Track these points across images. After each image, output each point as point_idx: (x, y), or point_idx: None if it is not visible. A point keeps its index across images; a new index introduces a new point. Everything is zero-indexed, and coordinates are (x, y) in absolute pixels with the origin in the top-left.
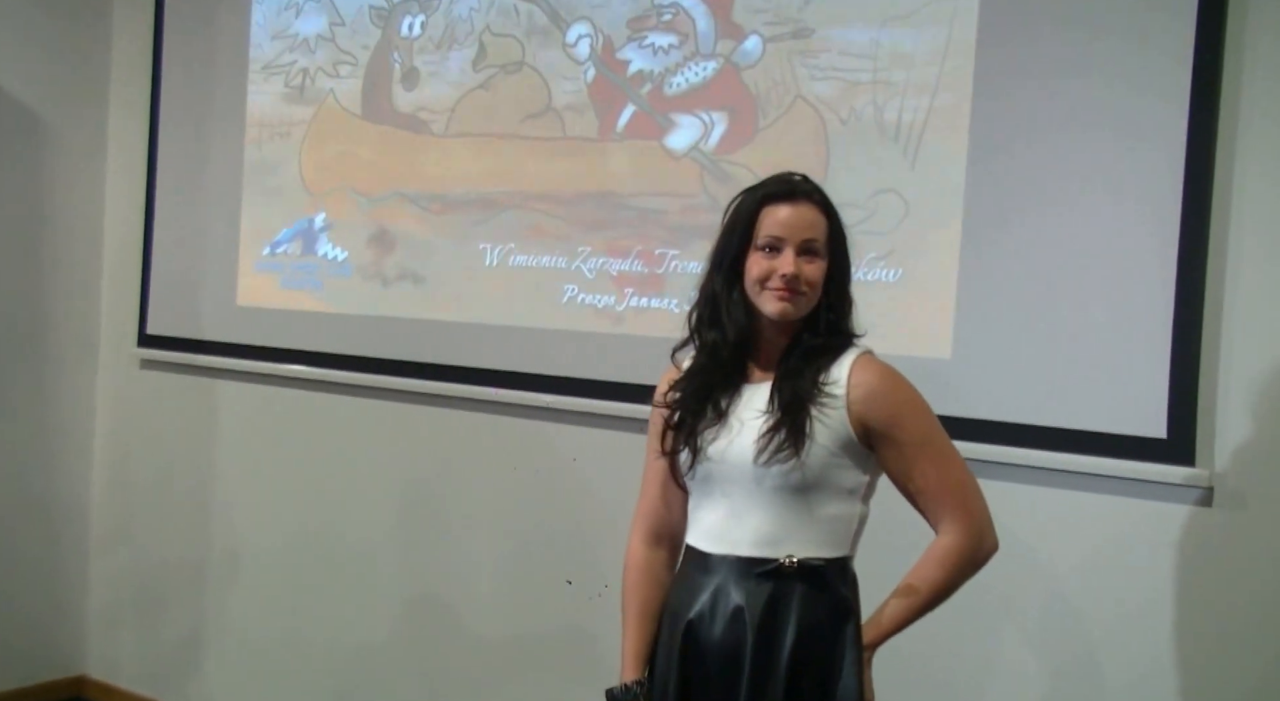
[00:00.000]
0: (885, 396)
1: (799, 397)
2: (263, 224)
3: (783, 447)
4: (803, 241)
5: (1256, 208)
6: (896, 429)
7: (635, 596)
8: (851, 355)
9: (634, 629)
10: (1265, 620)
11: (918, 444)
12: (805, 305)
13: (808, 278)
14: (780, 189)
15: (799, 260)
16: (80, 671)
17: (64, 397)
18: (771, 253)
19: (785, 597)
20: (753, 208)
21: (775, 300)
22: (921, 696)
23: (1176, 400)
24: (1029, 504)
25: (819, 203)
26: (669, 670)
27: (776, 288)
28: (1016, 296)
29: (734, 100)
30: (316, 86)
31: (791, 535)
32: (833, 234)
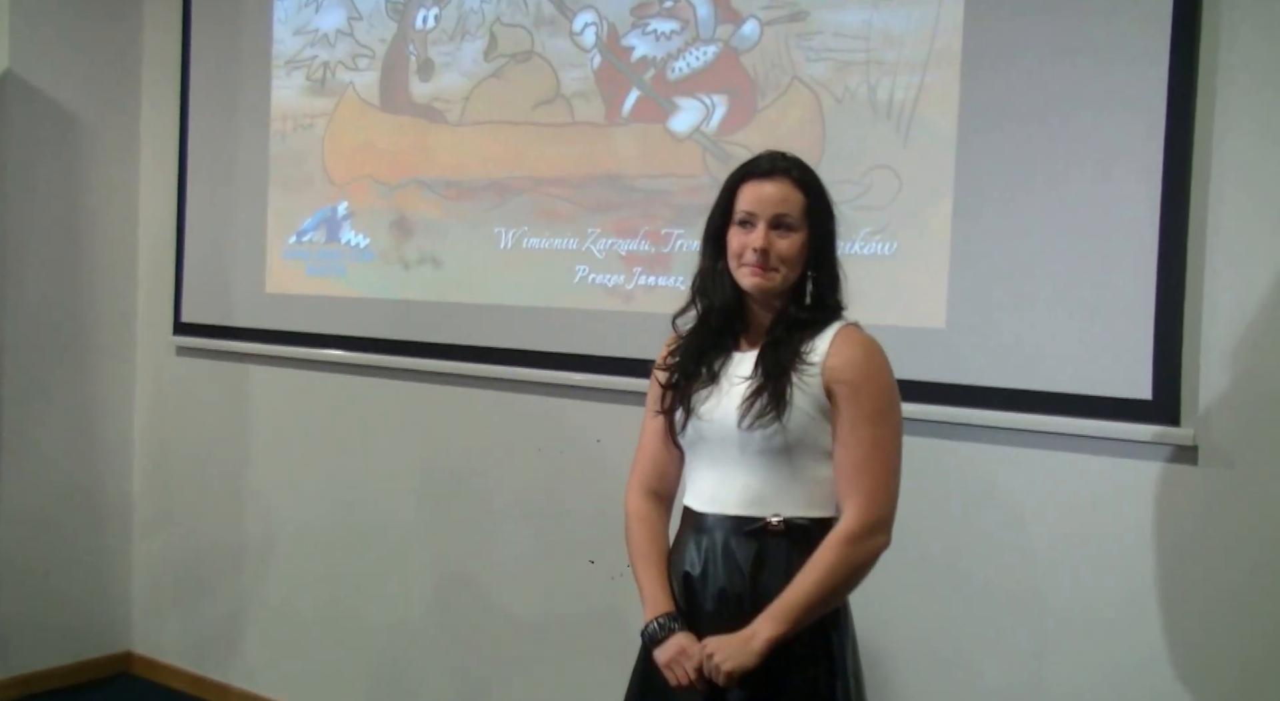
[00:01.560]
0: (856, 365)
1: (780, 365)
2: (288, 213)
3: (764, 413)
4: (774, 216)
5: (1234, 176)
6: (855, 396)
7: (642, 543)
8: (835, 326)
9: (649, 572)
10: (1249, 575)
11: (865, 416)
12: (780, 279)
13: (780, 252)
14: (758, 167)
15: (771, 234)
16: (126, 647)
17: (104, 386)
18: (747, 227)
19: (773, 555)
20: (733, 185)
21: (749, 275)
22: (913, 648)
23: (1160, 362)
24: (1021, 466)
25: (796, 179)
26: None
27: (750, 263)
28: (1006, 266)
29: (733, 83)
30: (337, 79)
31: (779, 495)
32: (812, 209)
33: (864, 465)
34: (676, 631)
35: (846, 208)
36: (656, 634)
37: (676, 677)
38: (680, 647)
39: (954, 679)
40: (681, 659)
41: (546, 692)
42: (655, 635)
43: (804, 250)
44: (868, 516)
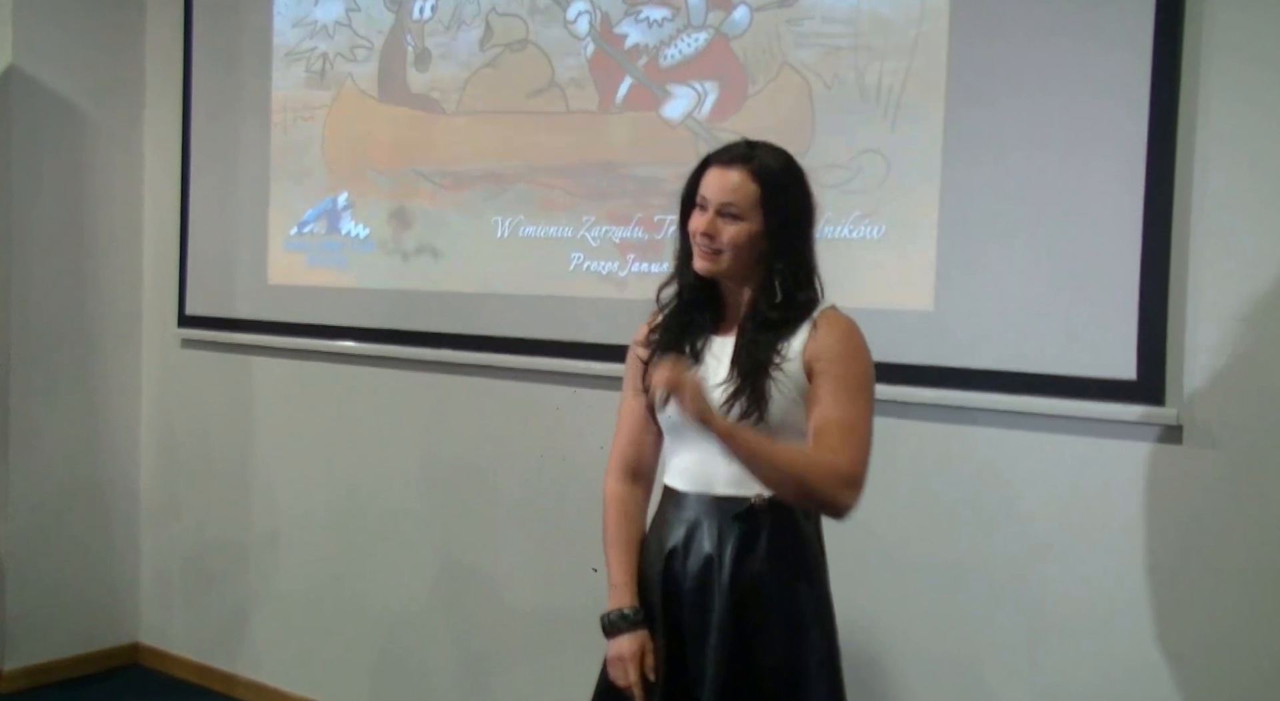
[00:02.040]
0: (836, 344)
1: (757, 363)
2: (290, 205)
3: (746, 414)
4: (721, 204)
5: (1218, 158)
6: (833, 369)
7: (618, 530)
8: (813, 315)
9: (619, 560)
10: (1232, 551)
11: (844, 388)
12: (726, 262)
13: (726, 238)
14: (719, 154)
15: (717, 221)
16: (134, 638)
17: (111, 379)
18: (702, 211)
19: (755, 532)
20: (697, 170)
21: (698, 257)
22: (900, 625)
23: (1145, 343)
24: (1008, 448)
25: (754, 170)
26: (653, 598)
27: (698, 243)
28: (993, 249)
29: (724, 70)
30: (336, 71)
31: None
32: (766, 201)
33: (841, 426)
34: (627, 630)
35: (836, 192)
36: (609, 628)
37: (617, 680)
38: (621, 653)
39: (941, 654)
40: (622, 664)
41: (549, 679)
42: (608, 628)
43: (754, 240)
44: (852, 470)
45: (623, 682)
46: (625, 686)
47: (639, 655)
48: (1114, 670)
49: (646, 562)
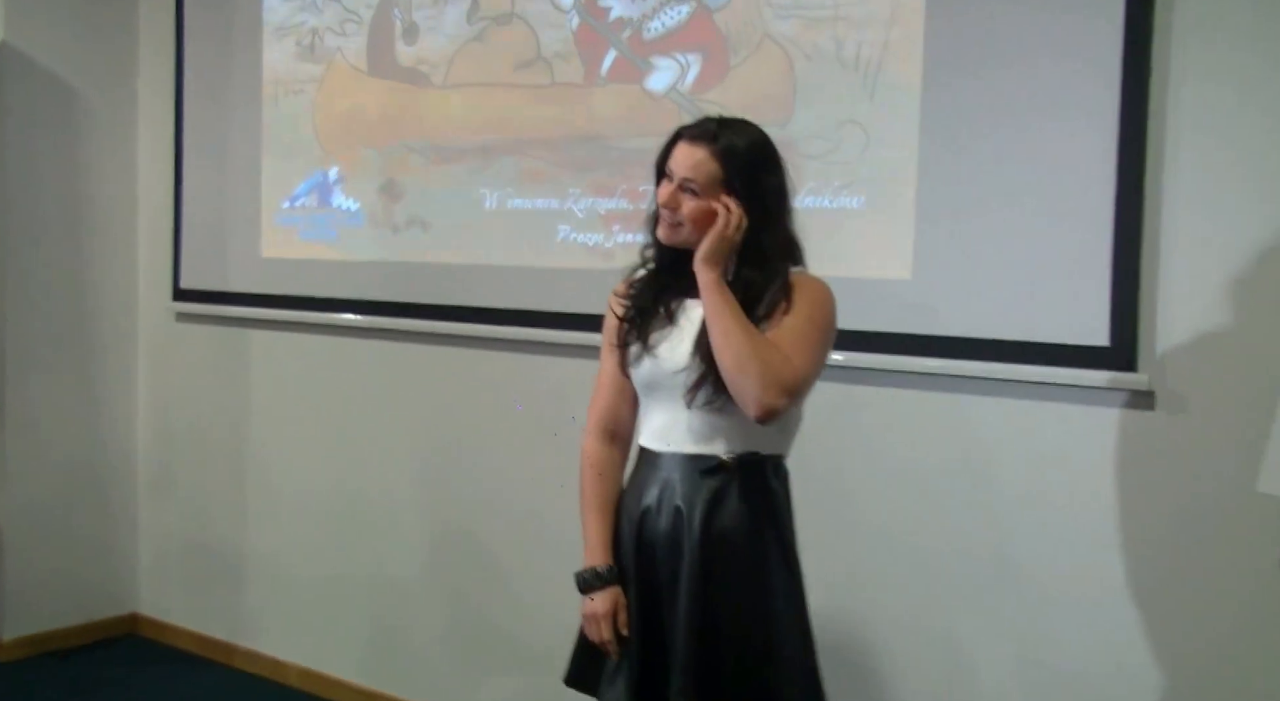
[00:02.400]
0: (800, 295)
1: None
2: (281, 179)
3: (711, 399)
4: (681, 179)
5: (1190, 127)
6: (794, 308)
7: (594, 491)
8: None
9: (596, 520)
10: (1203, 512)
11: (797, 316)
12: (686, 234)
13: (685, 212)
14: (689, 128)
15: (677, 194)
16: (133, 609)
17: (107, 353)
18: (669, 182)
19: (725, 489)
20: (668, 142)
21: (660, 227)
22: (879, 587)
23: (1118, 310)
24: (984, 413)
25: (718, 149)
26: (628, 556)
27: (662, 215)
28: (970, 217)
29: (707, 42)
30: (325, 45)
31: (732, 432)
32: (729, 184)
33: (792, 342)
34: (600, 588)
35: (817, 163)
36: (583, 585)
37: (591, 634)
38: (594, 612)
39: (918, 617)
40: (596, 622)
41: (544, 651)
42: (582, 586)
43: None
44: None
45: (596, 639)
46: (599, 642)
47: (612, 612)
48: (1086, 631)
49: (622, 521)
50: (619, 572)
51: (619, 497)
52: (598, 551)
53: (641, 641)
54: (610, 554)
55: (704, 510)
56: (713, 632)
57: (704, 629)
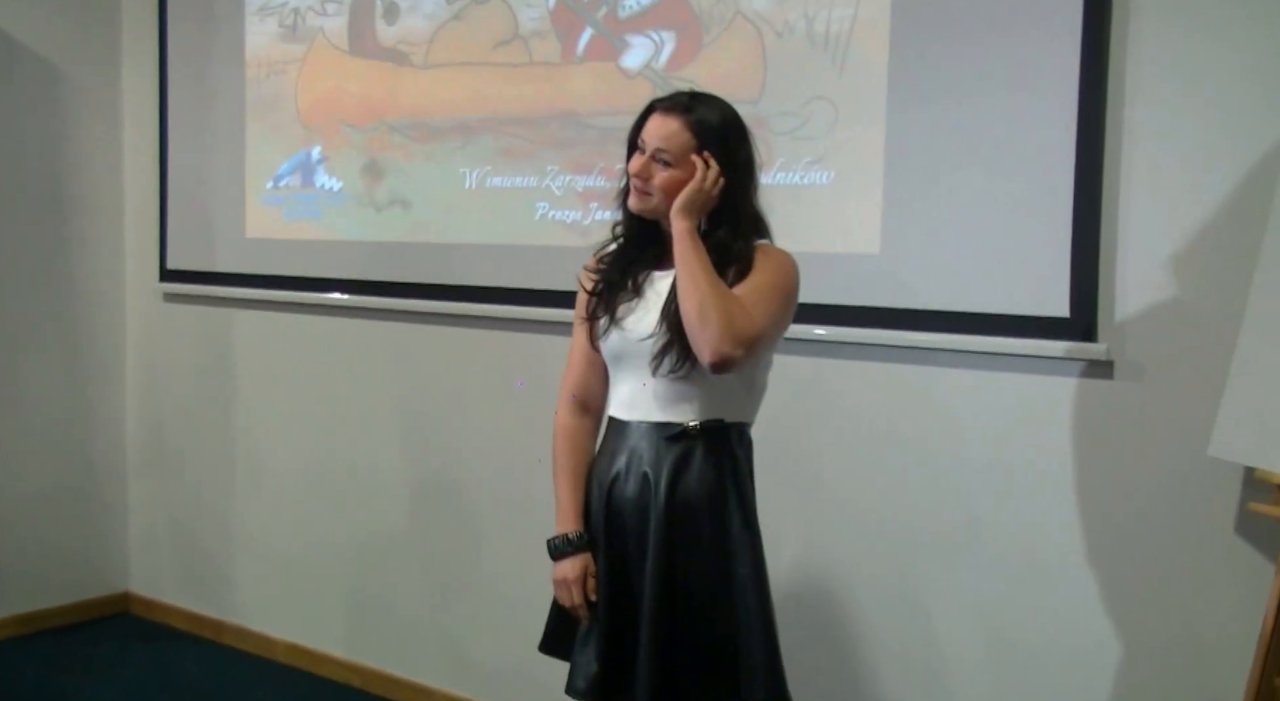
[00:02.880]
0: (762, 261)
1: None
2: (265, 159)
3: (676, 367)
4: (654, 149)
5: (1147, 101)
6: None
7: (566, 460)
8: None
9: (568, 488)
10: (1159, 475)
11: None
12: (654, 204)
13: (657, 181)
14: (663, 100)
15: (650, 164)
16: (124, 588)
17: (95, 334)
18: (641, 154)
19: (689, 455)
20: (641, 115)
21: (632, 196)
22: (846, 556)
23: (1078, 282)
24: (950, 384)
25: (691, 121)
26: (598, 523)
27: (633, 183)
28: (935, 193)
29: (680, 20)
30: (307, 25)
31: (695, 401)
32: (705, 149)
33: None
34: (571, 554)
35: (788, 139)
36: (554, 552)
37: (563, 598)
38: (565, 576)
39: (884, 584)
40: (567, 587)
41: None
42: (554, 552)
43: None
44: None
45: (567, 603)
46: (570, 607)
47: (582, 577)
48: (1049, 592)
49: (592, 489)
50: (590, 540)
51: (590, 466)
52: (569, 518)
53: (611, 606)
54: (581, 521)
55: (669, 476)
56: (678, 595)
57: (669, 591)
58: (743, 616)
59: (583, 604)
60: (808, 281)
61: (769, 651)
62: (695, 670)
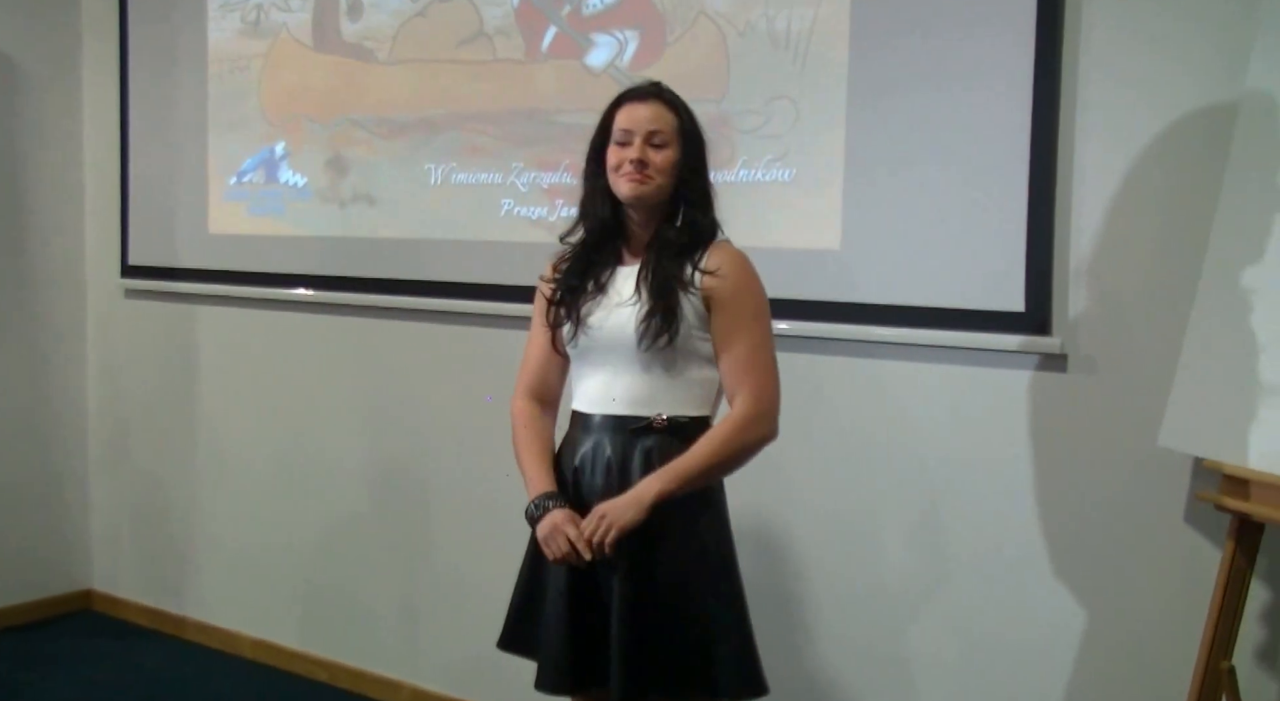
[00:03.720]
0: (732, 276)
1: (667, 284)
2: (228, 155)
3: (660, 332)
4: (648, 133)
5: (1099, 98)
6: (732, 301)
7: (527, 438)
8: (710, 246)
9: (532, 461)
10: (1110, 465)
11: (745, 319)
12: (655, 188)
13: (655, 164)
14: (634, 92)
15: (646, 148)
16: (87, 585)
17: (56, 331)
18: (624, 146)
19: (653, 450)
20: (611, 108)
21: (625, 182)
22: (807, 542)
23: (1032, 277)
24: (909, 378)
25: (668, 102)
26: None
27: (626, 172)
28: (894, 190)
29: (644, 18)
30: (270, 20)
31: (661, 396)
32: (682, 130)
33: (749, 363)
34: (553, 508)
35: (750, 137)
36: (534, 512)
37: (552, 551)
38: (554, 524)
39: (843, 576)
40: (557, 533)
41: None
42: (534, 513)
43: (675, 167)
44: (759, 406)
45: (563, 550)
46: (563, 555)
47: (571, 519)
48: (1006, 583)
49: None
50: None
51: (552, 448)
52: (542, 482)
53: (580, 598)
54: (553, 483)
55: (640, 469)
56: (650, 587)
57: (641, 583)
58: (714, 607)
59: (579, 537)
60: (770, 278)
61: (742, 640)
62: (668, 662)
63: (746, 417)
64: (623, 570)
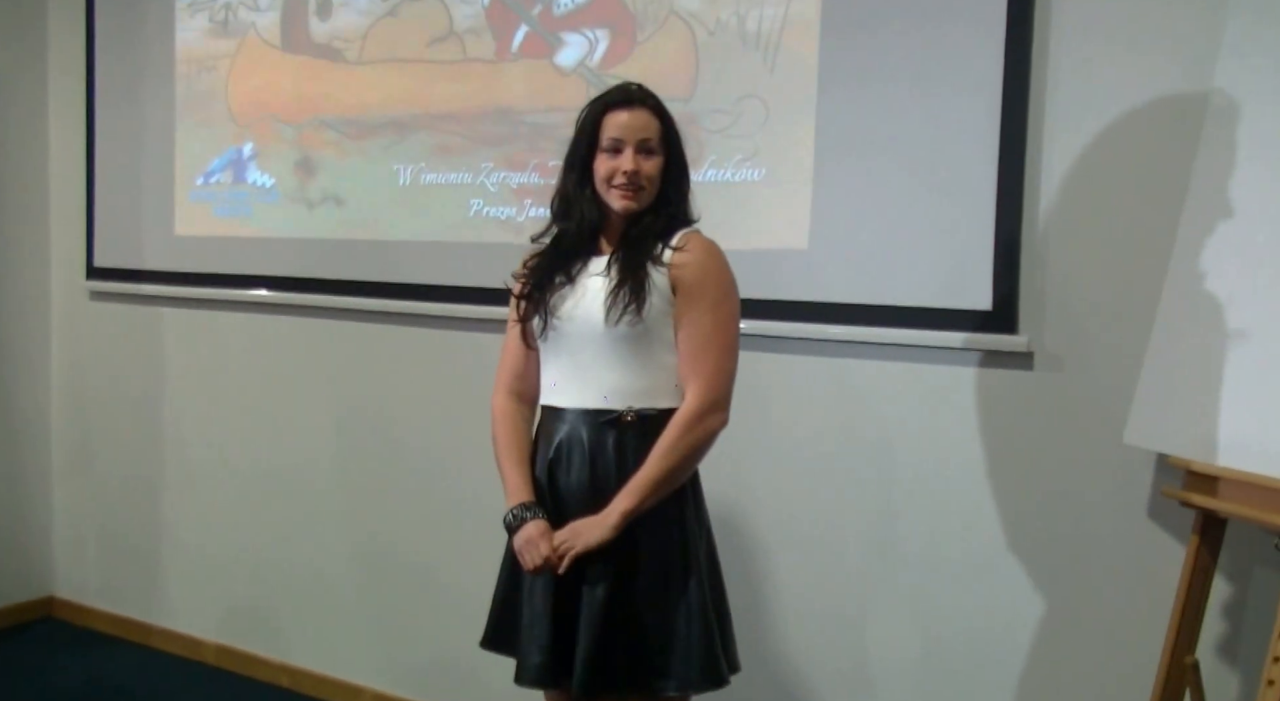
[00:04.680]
0: (697, 262)
1: (637, 260)
2: (195, 156)
3: (627, 306)
4: (639, 141)
5: (1068, 98)
6: (695, 288)
7: (508, 440)
8: (683, 231)
9: (513, 466)
10: (1077, 463)
11: (704, 306)
12: (646, 198)
13: (646, 173)
14: (619, 97)
15: (638, 157)
16: (49, 592)
17: (20, 333)
18: (614, 154)
19: (628, 444)
20: (597, 115)
21: (619, 198)
22: (776, 541)
23: (1000, 276)
24: (876, 377)
25: (653, 107)
26: (545, 507)
27: (620, 185)
28: (863, 188)
29: (614, 18)
30: (239, 20)
31: (631, 387)
32: (666, 134)
33: (702, 350)
34: (530, 520)
35: (720, 136)
36: (513, 522)
37: (527, 562)
38: (529, 536)
39: (805, 571)
40: (532, 545)
41: (462, 623)
42: (512, 523)
43: (663, 172)
44: (706, 398)
45: (536, 562)
46: (538, 565)
47: (546, 534)
48: (972, 579)
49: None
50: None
51: (530, 448)
52: (521, 491)
53: (557, 590)
54: (532, 492)
55: (613, 466)
56: (624, 580)
57: (617, 578)
58: (675, 599)
59: (552, 552)
60: (738, 279)
61: (705, 633)
62: (631, 654)
63: (692, 414)
64: (599, 567)
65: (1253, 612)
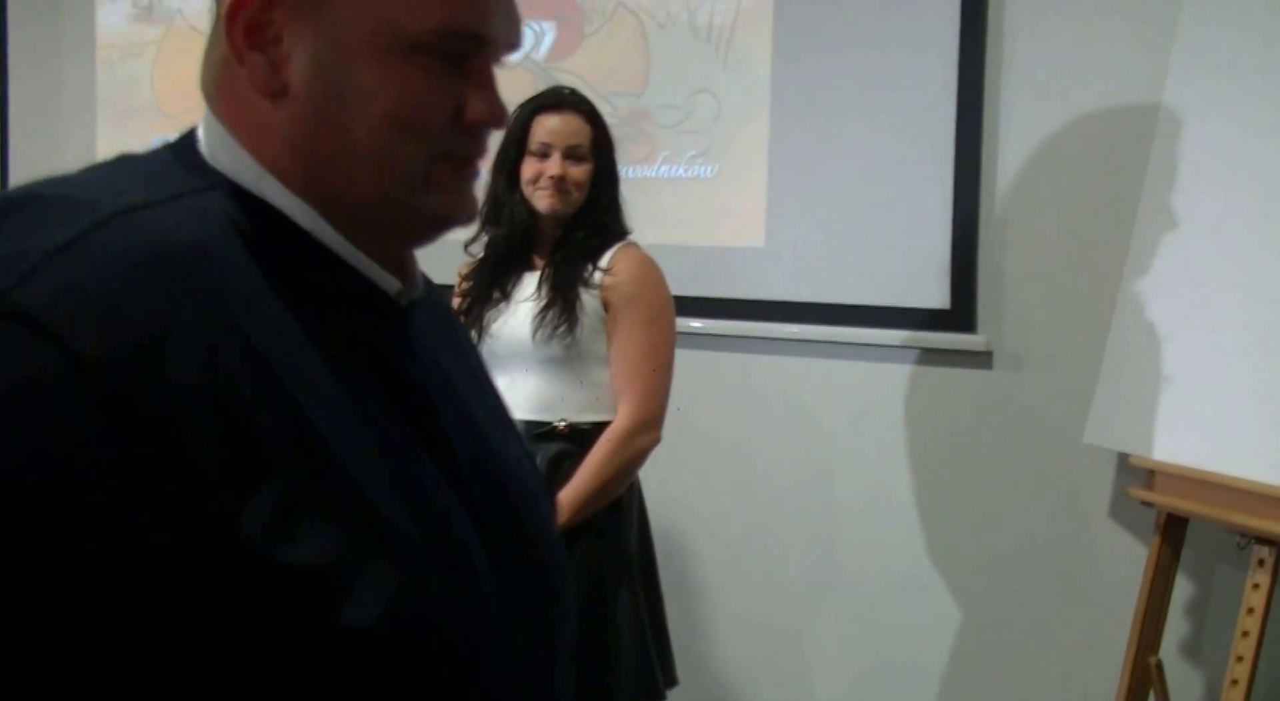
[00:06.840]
0: (631, 279)
1: (568, 280)
2: (119, 146)
3: (557, 325)
4: (568, 147)
5: (1024, 96)
6: (629, 306)
7: None
8: (615, 247)
9: None
10: (1037, 462)
11: (638, 325)
12: (572, 203)
13: (574, 179)
14: (550, 100)
15: (565, 163)
16: None
17: None
18: (542, 158)
19: (560, 456)
20: (525, 118)
21: (544, 198)
22: (728, 543)
23: (957, 275)
24: (833, 376)
25: (585, 113)
26: None
27: (544, 187)
28: (819, 186)
29: (561, 9)
30: (165, 6)
31: (564, 400)
32: (598, 141)
33: (636, 369)
34: None
35: (672, 132)
36: None
37: None
38: None
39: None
40: None
41: None
42: None
43: (592, 179)
44: (638, 417)
45: None
46: None
47: None
48: (931, 581)
49: None
50: None
51: None
52: None
53: None
54: None
55: (548, 474)
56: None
57: None
58: (610, 613)
59: None
60: (693, 276)
61: (639, 647)
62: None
63: (623, 432)
64: None
65: (1215, 612)
